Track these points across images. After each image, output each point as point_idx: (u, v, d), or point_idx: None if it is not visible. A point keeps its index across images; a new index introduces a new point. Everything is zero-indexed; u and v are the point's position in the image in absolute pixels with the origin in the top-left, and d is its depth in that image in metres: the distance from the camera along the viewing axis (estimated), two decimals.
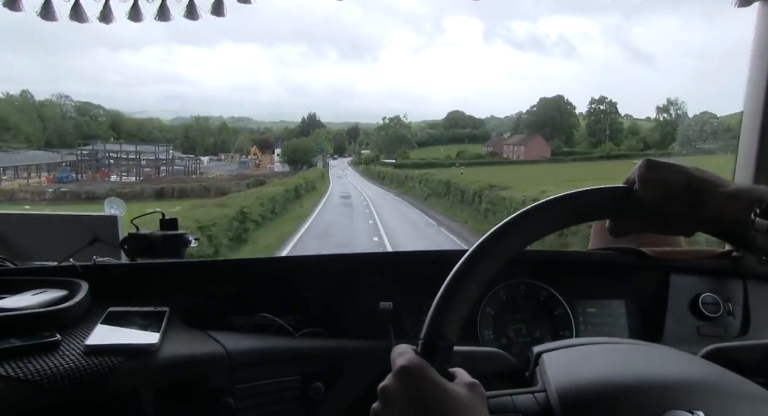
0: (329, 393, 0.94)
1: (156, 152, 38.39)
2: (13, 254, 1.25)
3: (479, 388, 0.51)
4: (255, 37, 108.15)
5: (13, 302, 0.91)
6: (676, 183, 0.57)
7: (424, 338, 0.53)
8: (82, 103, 53.53)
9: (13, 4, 1.17)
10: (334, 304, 1.10)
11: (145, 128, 58.45)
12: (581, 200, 0.60)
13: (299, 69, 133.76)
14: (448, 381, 0.50)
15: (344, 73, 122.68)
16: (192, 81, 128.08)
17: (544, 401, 0.59)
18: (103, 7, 1.23)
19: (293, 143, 52.00)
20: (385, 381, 0.51)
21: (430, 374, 0.49)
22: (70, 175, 32.28)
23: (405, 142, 64.74)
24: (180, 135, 56.85)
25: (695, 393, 0.55)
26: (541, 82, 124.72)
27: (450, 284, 0.55)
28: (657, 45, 77.87)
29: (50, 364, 0.77)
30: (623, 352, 0.70)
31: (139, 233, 1.20)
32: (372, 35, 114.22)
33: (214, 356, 0.88)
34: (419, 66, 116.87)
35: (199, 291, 1.08)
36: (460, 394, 0.49)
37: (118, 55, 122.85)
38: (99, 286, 1.01)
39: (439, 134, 72.24)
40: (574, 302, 1.15)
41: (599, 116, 58.96)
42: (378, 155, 59.59)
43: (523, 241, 0.58)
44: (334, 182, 37.90)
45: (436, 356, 0.52)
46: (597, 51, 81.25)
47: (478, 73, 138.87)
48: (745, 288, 1.18)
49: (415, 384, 0.49)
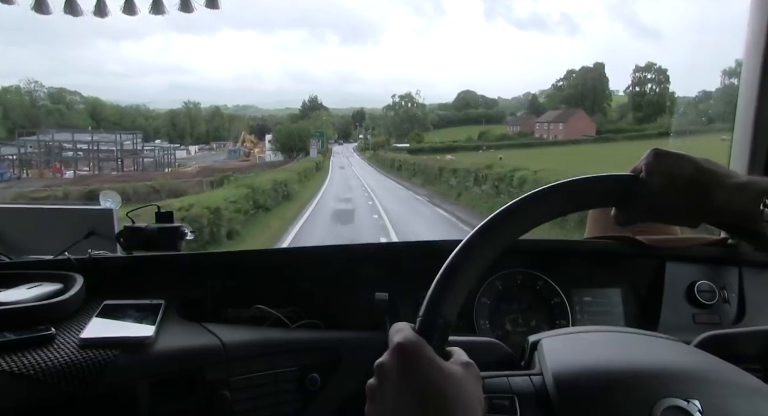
0: (326, 385, 0.94)
1: (117, 141, 30.82)
2: (8, 247, 1.25)
3: (474, 368, 0.52)
4: (254, 24, 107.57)
5: (7, 296, 0.90)
6: (683, 173, 0.57)
7: (423, 315, 0.53)
8: (56, 89, 48.69)
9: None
10: (330, 296, 1.10)
11: (129, 115, 53.89)
12: (586, 187, 0.59)
13: (301, 55, 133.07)
14: (443, 360, 0.50)
15: (346, 58, 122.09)
16: (195, 70, 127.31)
17: (540, 384, 0.60)
18: (97, 1, 1.23)
19: (286, 127, 44.90)
20: (381, 358, 0.51)
21: (426, 352, 0.49)
22: (5, 173, 25.39)
23: (418, 123, 57.70)
24: (167, 123, 52.76)
25: (691, 382, 0.55)
26: (545, 62, 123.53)
27: (451, 264, 0.55)
28: (662, 20, 75.82)
29: (45, 358, 0.77)
30: (620, 340, 0.70)
31: (134, 226, 1.19)
32: (372, 18, 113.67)
33: (209, 348, 0.88)
34: (421, 49, 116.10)
35: (195, 284, 1.08)
36: (455, 373, 0.49)
37: (119, 45, 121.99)
38: (94, 279, 1.01)
39: (452, 115, 67.29)
40: (570, 292, 1.15)
41: (644, 87, 51.42)
42: (388, 139, 52.11)
43: (526, 226, 0.58)
44: (334, 173, 31.40)
45: (433, 334, 0.51)
46: (601, 28, 79.78)
47: (481, 54, 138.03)
48: (740, 276, 1.18)
49: (411, 361, 0.49)
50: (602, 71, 53.52)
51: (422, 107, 61.02)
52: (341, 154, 51.34)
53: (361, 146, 59.03)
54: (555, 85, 59.91)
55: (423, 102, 61.58)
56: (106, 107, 54.19)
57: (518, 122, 55.68)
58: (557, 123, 47.05)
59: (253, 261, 1.19)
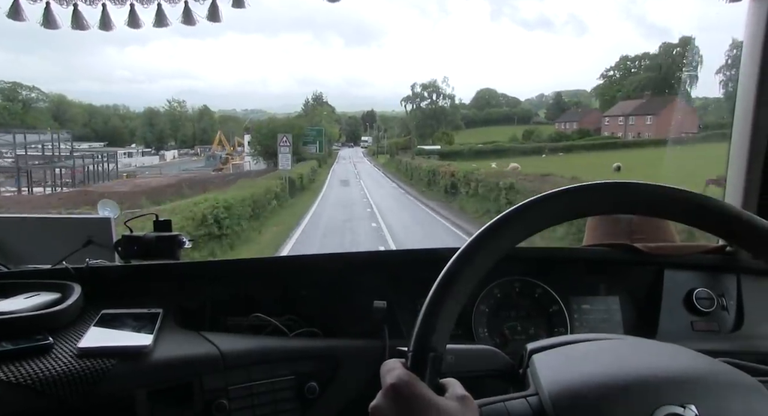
0: (324, 393, 0.94)
1: (22, 144, 22.38)
2: (6, 257, 1.25)
3: (470, 401, 0.51)
4: (258, 28, 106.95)
5: (5, 305, 0.90)
6: None
7: (413, 351, 0.52)
8: (8, 83, 39.02)
9: (16, 15, 1.21)
10: (328, 304, 1.10)
11: (101, 116, 45.47)
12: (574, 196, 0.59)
13: (307, 59, 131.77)
14: (438, 396, 0.50)
15: (352, 61, 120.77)
16: (202, 75, 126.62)
17: (536, 405, 0.59)
18: (101, 14, 1.26)
19: (269, 125, 31.16)
20: (375, 401, 0.50)
21: (419, 390, 0.49)
22: None
23: (446, 119, 44.47)
24: (145, 124, 44.20)
25: (686, 386, 0.55)
26: (554, 63, 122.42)
27: (435, 293, 0.54)
28: (672, 19, 72.67)
29: (43, 367, 0.77)
30: (614, 349, 0.70)
31: (132, 235, 1.19)
32: (376, 20, 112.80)
33: (207, 357, 0.88)
34: (428, 50, 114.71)
35: (193, 292, 1.08)
36: (450, 408, 0.49)
37: (125, 51, 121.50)
38: (92, 288, 1.01)
39: (472, 114, 57.71)
40: (568, 299, 1.15)
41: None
42: (411, 139, 39.90)
43: (516, 239, 0.57)
44: (328, 197, 18.88)
45: (426, 369, 0.51)
46: (610, 29, 77.61)
47: (492, 54, 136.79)
48: (738, 283, 1.18)
49: (405, 401, 0.48)
50: (693, 46, 33.73)
51: (451, 98, 46.90)
52: (347, 160, 41.16)
53: (372, 150, 47.76)
54: (606, 75, 48.24)
55: (452, 92, 47.86)
56: (73, 105, 44.74)
57: (575, 117, 45.24)
58: (643, 115, 34.94)
59: (252, 269, 1.19)
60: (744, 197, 1.25)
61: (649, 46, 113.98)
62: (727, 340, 1.12)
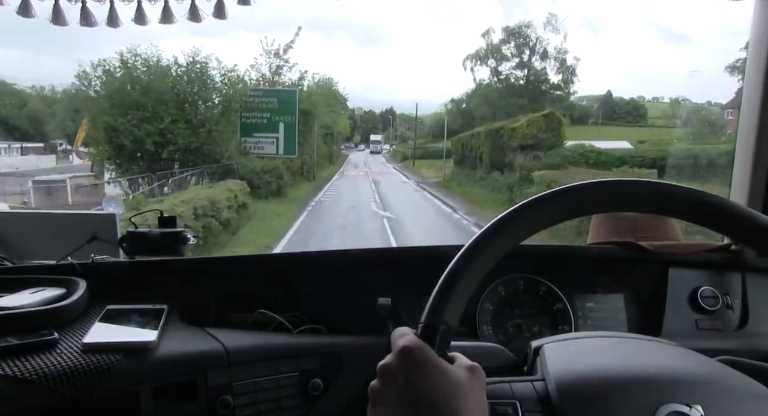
0: (328, 390, 0.94)
1: None
2: (12, 252, 1.25)
3: (479, 371, 0.51)
4: (267, 27, 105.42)
5: (11, 300, 0.91)
6: None
7: (425, 321, 0.53)
8: None
9: (26, 12, 1.22)
10: (332, 301, 1.10)
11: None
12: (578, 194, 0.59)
13: (318, 59, 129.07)
14: (448, 363, 0.50)
15: (364, 62, 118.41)
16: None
17: (542, 389, 0.60)
18: (109, 11, 1.26)
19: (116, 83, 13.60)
20: (385, 360, 0.50)
21: (430, 355, 0.49)
22: None
23: (548, 97, 28.36)
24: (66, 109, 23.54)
25: (693, 387, 0.55)
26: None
27: (453, 269, 0.54)
28: (691, 23, 70.15)
29: (48, 363, 0.77)
30: (622, 346, 0.70)
31: (137, 231, 1.20)
32: (386, 21, 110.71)
33: (212, 353, 0.88)
34: (440, 52, 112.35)
35: (198, 289, 1.08)
36: (460, 376, 0.49)
37: (137, 51, 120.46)
38: (97, 284, 1.01)
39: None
40: (573, 297, 1.15)
41: None
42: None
43: (526, 232, 0.58)
44: None
45: (436, 339, 0.51)
46: (625, 33, 74.98)
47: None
48: (743, 281, 1.18)
49: (416, 364, 0.48)
50: None
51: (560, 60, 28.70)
52: (360, 169, 27.84)
53: (399, 153, 34.81)
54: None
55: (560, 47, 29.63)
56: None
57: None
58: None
59: (256, 266, 1.19)
60: (749, 194, 1.24)
61: (667, 49, 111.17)
62: (732, 338, 1.12)
